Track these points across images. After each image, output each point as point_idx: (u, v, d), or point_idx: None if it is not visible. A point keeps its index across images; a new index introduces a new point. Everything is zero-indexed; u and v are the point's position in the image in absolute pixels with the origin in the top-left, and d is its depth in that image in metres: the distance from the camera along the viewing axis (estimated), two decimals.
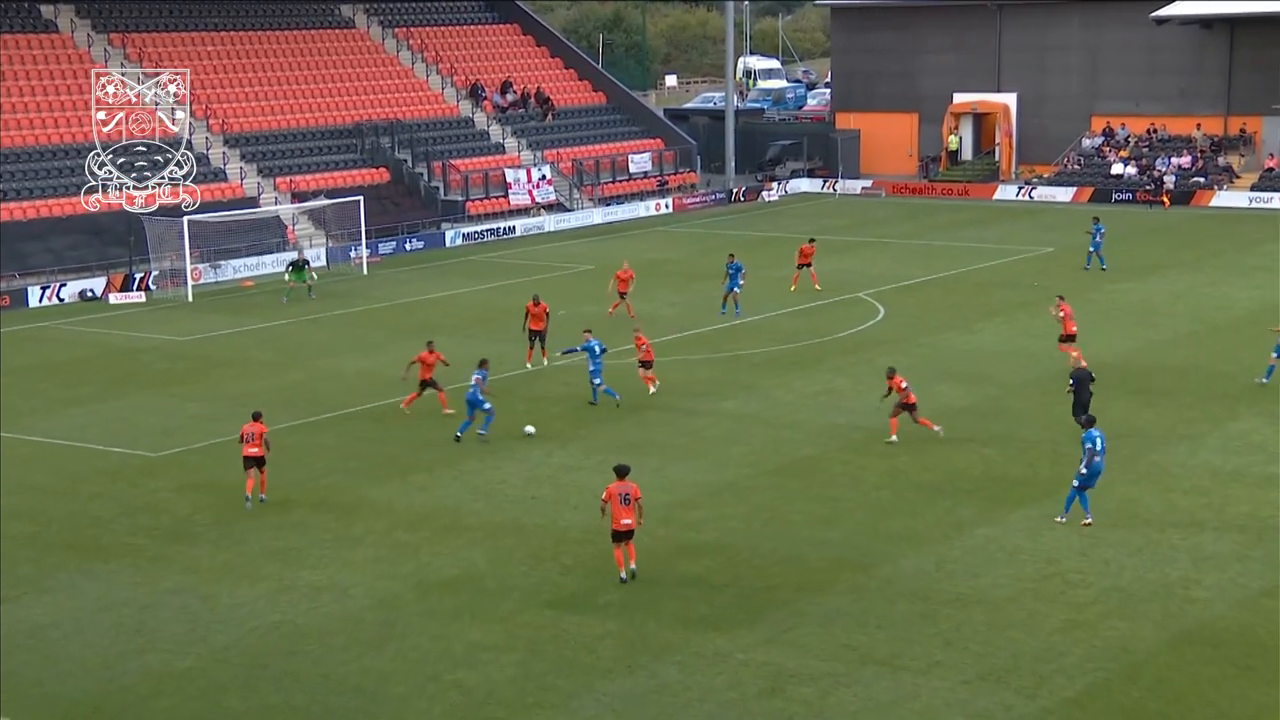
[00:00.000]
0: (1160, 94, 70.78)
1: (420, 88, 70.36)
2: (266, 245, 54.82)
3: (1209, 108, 69.85)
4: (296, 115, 64.22)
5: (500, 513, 25.95)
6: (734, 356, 37.87)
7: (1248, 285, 45.53)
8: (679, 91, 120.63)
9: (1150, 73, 70.98)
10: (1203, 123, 69.59)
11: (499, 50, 75.92)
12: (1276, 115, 68.00)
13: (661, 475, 27.74)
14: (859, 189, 73.86)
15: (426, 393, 32.10)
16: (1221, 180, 66.24)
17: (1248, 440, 28.83)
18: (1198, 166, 67.49)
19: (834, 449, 29.23)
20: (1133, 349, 36.96)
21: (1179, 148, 69.30)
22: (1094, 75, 72.55)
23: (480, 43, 75.63)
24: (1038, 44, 73.58)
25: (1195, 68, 70.03)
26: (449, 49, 73.39)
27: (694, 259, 53.77)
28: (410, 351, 36.23)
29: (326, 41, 69.79)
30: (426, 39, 72.95)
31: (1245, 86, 68.79)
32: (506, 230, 62.41)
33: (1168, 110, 70.74)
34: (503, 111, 71.37)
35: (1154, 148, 70.01)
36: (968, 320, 41.28)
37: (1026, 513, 25.04)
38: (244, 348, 40.42)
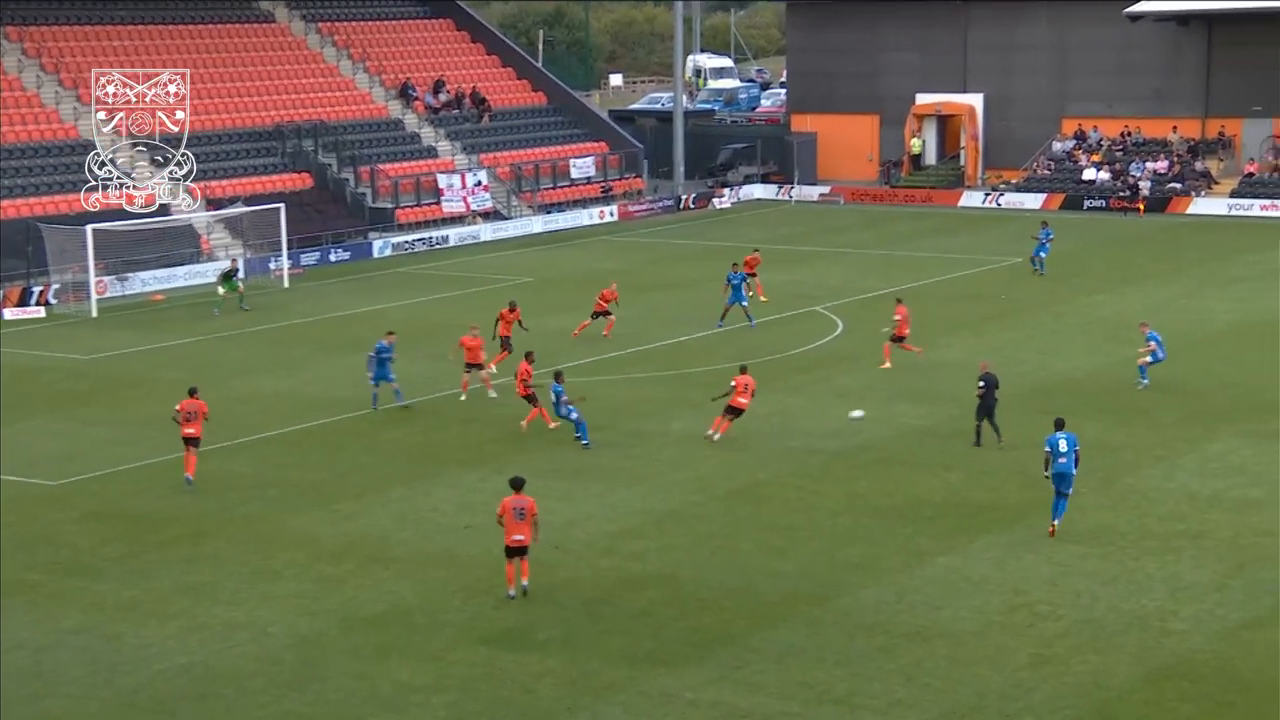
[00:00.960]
0: (1134, 95, 71.66)
1: (346, 87, 70.17)
2: (179, 256, 54.43)
3: (1186, 109, 70.78)
4: (211, 116, 63.84)
5: (431, 542, 25.87)
6: (682, 375, 37.96)
7: (1228, 297, 46.14)
8: (624, 92, 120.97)
9: (1123, 72, 71.87)
10: (1179, 125, 70.50)
11: (431, 47, 75.85)
12: (1257, 117, 68.98)
13: (604, 502, 27.76)
14: (816, 195, 74.27)
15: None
16: (1199, 186, 67.13)
17: (1226, 462, 29.20)
18: (1174, 172, 68.36)
19: (788, 473, 29.33)
20: (1107, 365, 37.34)
21: (1154, 151, 70.17)
22: (1064, 75, 73.36)
23: (411, 39, 75.54)
24: (1005, 42, 74.33)
25: (1171, 67, 70.97)
26: (377, 45, 73.25)
27: (640, 270, 53.87)
28: (333, 369, 36.07)
29: (244, 37, 69.46)
30: (352, 34, 72.78)
31: (1224, 87, 69.77)
32: (439, 240, 62.29)
33: (1142, 112, 71.63)
34: (435, 113, 71.28)
35: (1128, 151, 70.86)
36: (931, 335, 41.54)
37: (992, 540, 25.22)
38: (153, 366, 40.11)
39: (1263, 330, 41.33)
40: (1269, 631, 21.31)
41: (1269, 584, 23.00)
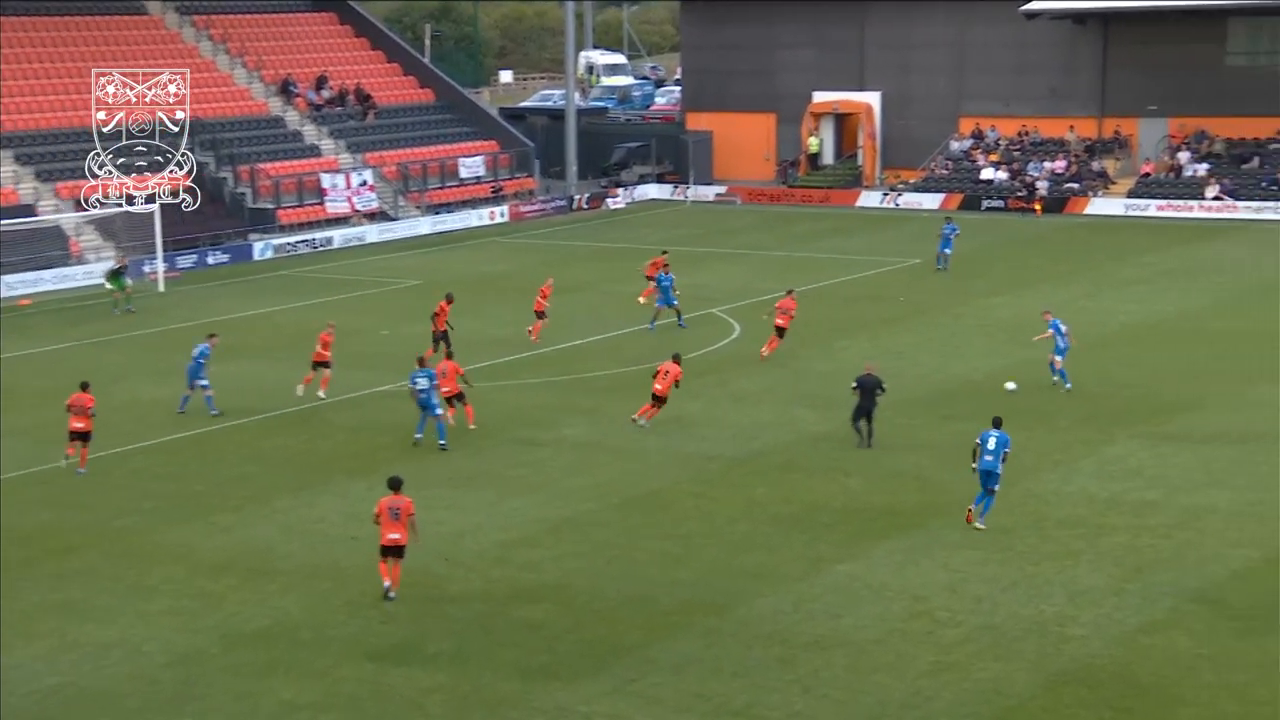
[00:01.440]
0: (1031, 94, 72.92)
1: (223, 83, 69.36)
2: (46, 259, 53.45)
3: (1082, 109, 72.16)
4: (81, 113, 62.70)
5: (317, 555, 25.67)
6: (576, 380, 37.99)
7: (1125, 299, 47.09)
8: (515, 89, 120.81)
9: (1020, 71, 73.10)
10: (1076, 125, 71.84)
11: (313, 42, 75.24)
12: (1152, 117, 70.52)
13: (496, 510, 27.72)
14: (712, 195, 74.68)
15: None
16: (1096, 186, 68.46)
17: (1124, 465, 29.81)
18: (1071, 172, 69.65)
19: (685, 480, 29.48)
20: (1005, 367, 37.91)
21: (1052, 151, 71.45)
22: (962, 74, 74.46)
23: (292, 33, 74.87)
24: (903, 40, 75.26)
25: (1067, 66, 72.32)
26: (256, 39, 72.49)
27: (532, 272, 53.78)
28: (212, 376, 35.63)
29: (114, 29, 68.38)
30: (230, 28, 71.96)
31: (1120, 86, 71.23)
32: (323, 242, 61.78)
33: (1039, 111, 72.91)
34: (318, 110, 70.69)
35: (1025, 151, 72.08)
36: (828, 338, 41.97)
37: (892, 546, 25.54)
38: (19, 375, 39.36)
39: (1159, 332, 42.26)
40: (1166, 636, 21.79)
41: (1166, 588, 23.53)
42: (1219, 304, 46.12)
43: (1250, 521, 26.36)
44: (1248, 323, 43.05)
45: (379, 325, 44.76)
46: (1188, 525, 26.26)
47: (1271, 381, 36.10)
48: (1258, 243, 57.60)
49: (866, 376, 31.39)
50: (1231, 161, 67.70)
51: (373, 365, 39.68)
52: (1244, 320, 43.45)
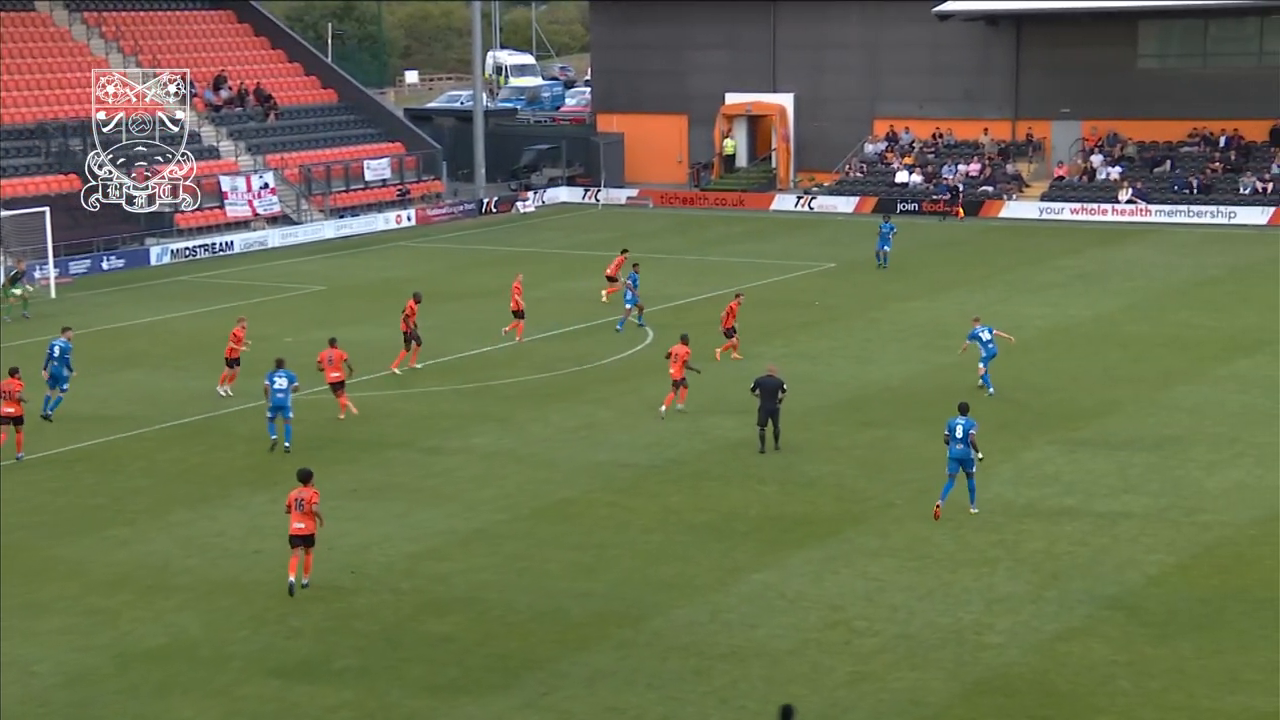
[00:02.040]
0: (945, 96, 73.68)
1: None
2: None
3: (996, 111, 73.02)
4: None
5: (217, 569, 25.38)
6: (484, 387, 37.87)
7: (1040, 303, 47.69)
8: (421, 89, 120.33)
9: (934, 73, 73.84)
10: (990, 127, 72.69)
11: (211, 40, 74.45)
12: (1065, 119, 71.50)
13: (405, 522, 27.55)
14: (624, 199, 74.75)
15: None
16: (1011, 190, 69.30)
17: (1041, 471, 30.17)
18: (986, 174, 70.47)
19: (597, 489, 29.47)
20: (920, 373, 38.28)
21: (966, 154, 72.23)
22: (875, 75, 75.07)
23: (188, 31, 74.04)
24: (815, 40, 75.77)
25: (981, 68, 73.16)
26: (150, 38, 71.58)
27: (440, 277, 53.56)
28: (107, 386, 35.15)
29: (3, 25, 67.25)
30: (123, 25, 71.01)
31: (1033, 89, 72.17)
32: (223, 246, 61.16)
33: (953, 113, 73.70)
34: (216, 110, 69.94)
35: (940, 154, 72.82)
36: (743, 344, 42.10)
37: (808, 555, 25.67)
38: None
39: (1074, 336, 42.83)
40: (1083, 643, 22.07)
41: (1083, 594, 23.83)
42: (1133, 308, 46.85)
43: (1165, 527, 26.78)
44: (1161, 327, 43.77)
45: (282, 332, 44.31)
46: (1104, 531, 26.63)
47: (1185, 385, 36.72)
48: (1170, 246, 58.61)
49: (767, 378, 31.53)
50: (1144, 165, 68.81)
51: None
52: (1158, 324, 44.17)
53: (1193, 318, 44.81)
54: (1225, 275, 52.20)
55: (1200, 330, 42.99)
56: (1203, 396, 35.57)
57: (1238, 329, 42.96)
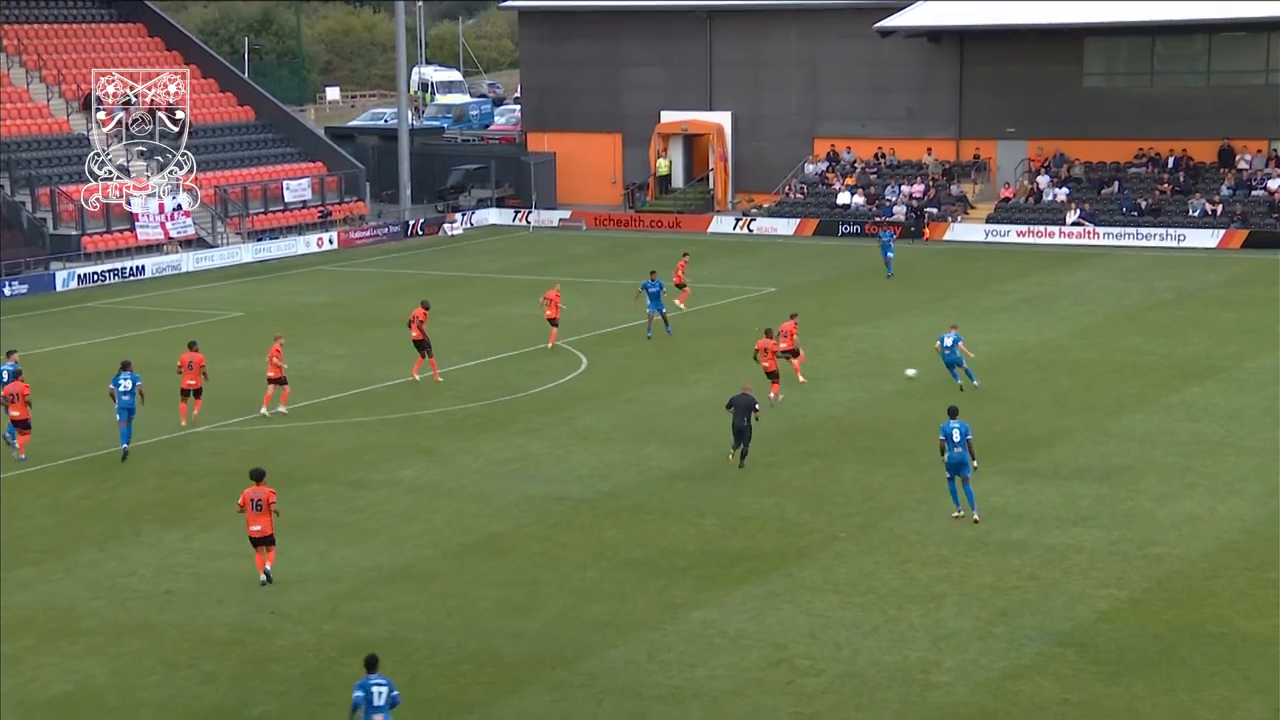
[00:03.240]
0: (888, 114, 74.24)
1: (19, 98, 67.83)
2: None
3: (940, 130, 73.64)
4: None
5: (126, 612, 25.08)
6: (411, 417, 37.71)
7: (986, 329, 47.99)
8: (342, 107, 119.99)
9: (876, 91, 74.40)
10: (934, 147, 73.30)
11: (119, 54, 73.82)
12: (1011, 139, 72.22)
13: (327, 560, 27.35)
14: (556, 221, 74.78)
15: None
16: (955, 211, 69.88)
17: (988, 503, 30.29)
18: (930, 195, 71.02)
19: (529, 524, 29.38)
20: (864, 402, 38.45)
21: (910, 174, 72.79)
22: (816, 92, 75.51)
23: (95, 44, 73.47)
24: (753, 57, 76.15)
25: (924, 85, 73.78)
26: (55, 51, 71.01)
27: (364, 303, 53.36)
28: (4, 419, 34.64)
29: None
30: (25, 38, 70.41)
31: (977, 107, 72.85)
32: (134, 270, 60.65)
33: (896, 133, 74.26)
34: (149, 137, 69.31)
35: (882, 175, 73.33)
36: (680, 371, 42.18)
37: (749, 591, 25.68)
38: None
39: (1020, 362, 43.17)
40: (1033, 681, 22.18)
41: (1032, 631, 23.96)
42: (1081, 332, 47.28)
43: (1115, 561, 26.99)
44: (1110, 352, 44.20)
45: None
46: (1053, 565, 26.80)
47: (1134, 413, 37.08)
48: (1119, 270, 59.24)
49: (742, 396, 32.43)
50: (1091, 186, 69.61)
51: None
52: (1106, 350, 44.60)
53: (1143, 343, 45.29)
54: (1175, 299, 52.83)
55: (1150, 356, 43.46)
56: (1153, 425, 35.93)
57: (1188, 355, 43.47)
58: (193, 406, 36.34)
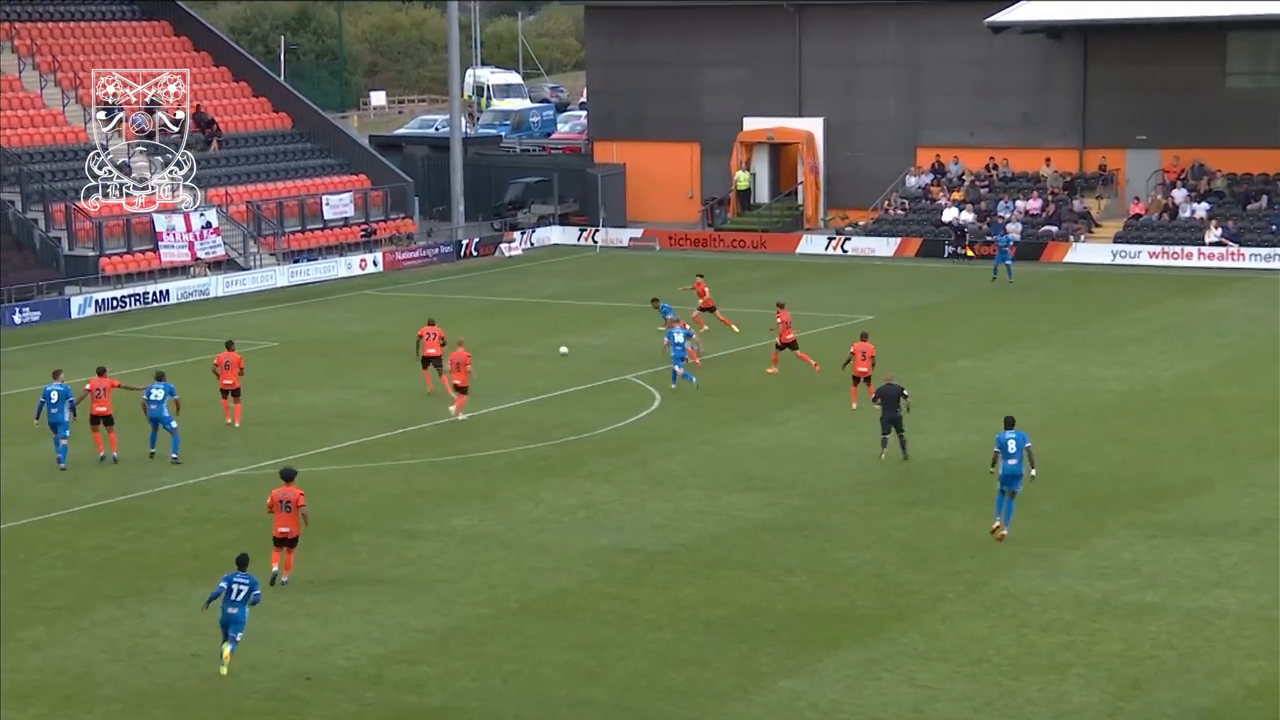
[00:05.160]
0: (1000, 120, 73.98)
1: (31, 104, 68.81)
2: None
3: (1060, 138, 73.31)
4: None
5: (148, 677, 25.26)
6: (465, 460, 37.83)
7: (1114, 362, 47.68)
8: (389, 113, 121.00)
9: (987, 94, 74.17)
10: (1053, 157, 72.99)
11: (143, 56, 74.83)
12: (1142, 148, 71.75)
13: (370, 619, 27.45)
14: (626, 240, 74.97)
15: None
16: (1078, 230, 69.48)
17: (1117, 560, 30.07)
18: (1048, 212, 70.68)
19: (597, 579, 29.38)
20: (974, 444, 38.17)
21: (1025, 188, 72.49)
22: (918, 96, 75.36)
23: (117, 45, 74.48)
24: (847, 57, 76.13)
25: (1042, 87, 73.49)
26: (72, 53, 72.01)
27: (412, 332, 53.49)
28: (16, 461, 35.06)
29: None
30: (38, 38, 71.46)
31: (1103, 112, 72.45)
32: (158, 295, 61.32)
33: (1010, 141, 73.96)
34: (149, 137, 70.23)
35: (994, 188, 73.07)
36: (765, 409, 42.10)
37: (844, 657, 25.56)
38: None
39: (1154, 401, 42.81)
40: None
41: (1170, 707, 23.69)
42: (1223, 367, 46.85)
43: (1265, 628, 26.64)
44: (1257, 390, 43.74)
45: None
46: (1193, 632, 26.50)
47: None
48: (1266, 295, 58.66)
49: (887, 386, 35.83)
50: (1235, 200, 69.02)
51: (217, 445, 39.27)
52: (1252, 387, 44.15)
53: None
54: None
55: None
56: None
57: None
58: (234, 407, 40.46)
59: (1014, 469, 30.14)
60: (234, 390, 40.52)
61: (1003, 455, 30.18)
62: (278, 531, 28.41)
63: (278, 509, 28.38)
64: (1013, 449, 30.18)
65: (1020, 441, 30.29)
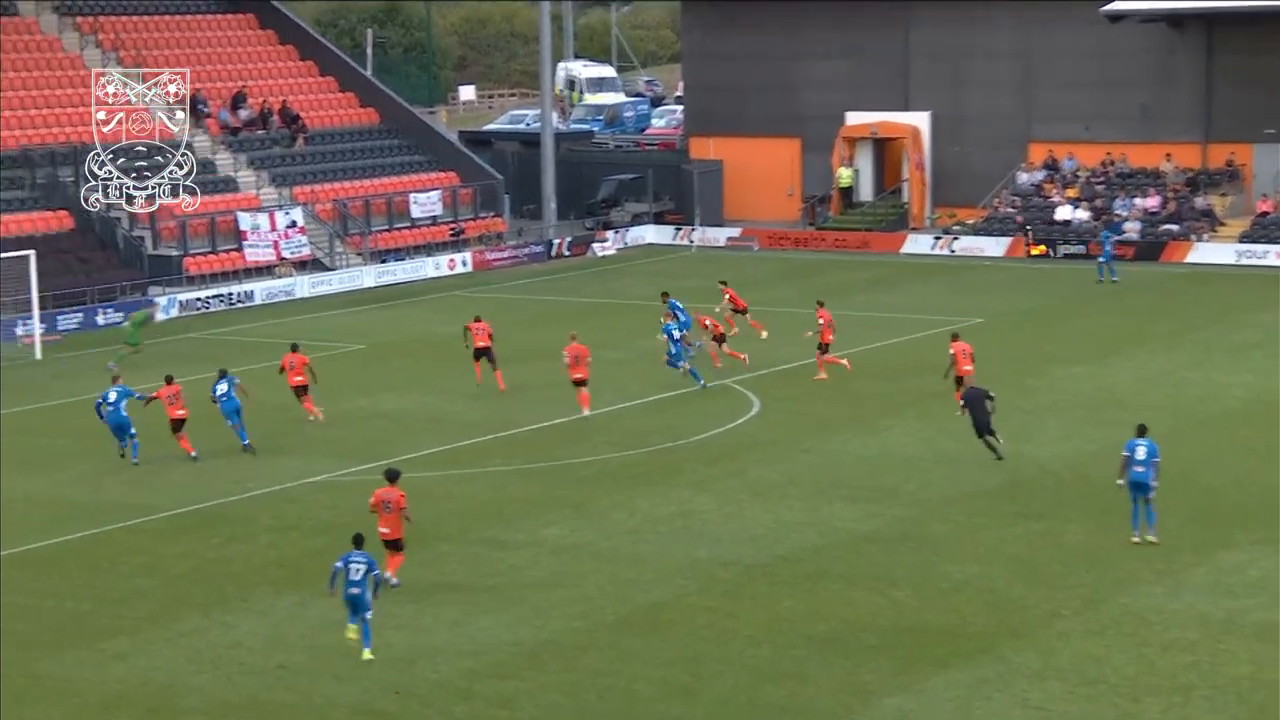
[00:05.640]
0: (1118, 113, 73.31)
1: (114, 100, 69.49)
2: None
3: (1182, 132, 72.54)
4: None
5: (233, 689, 25.49)
6: (557, 467, 37.92)
7: (1239, 368, 47.14)
8: (478, 108, 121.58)
9: (1104, 86, 73.52)
10: (1174, 152, 72.25)
11: (227, 50, 75.70)
12: (1270, 143, 70.86)
13: (460, 631, 27.58)
14: (723, 240, 74.94)
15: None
16: (1200, 229, 68.76)
17: (1244, 576, 29.73)
18: (1169, 210, 69.99)
19: (693, 592, 29.37)
20: (1090, 453, 37.91)
21: (1144, 185, 71.83)
22: (1031, 89, 74.87)
23: (201, 39, 75.32)
24: (957, 48, 75.72)
25: (1163, 79, 72.77)
26: (155, 47, 72.87)
27: (502, 334, 53.71)
28: (102, 466, 35.45)
29: None
30: (122, 32, 72.35)
31: (1228, 105, 71.60)
32: (241, 296, 61.89)
33: (1128, 135, 73.30)
34: (234, 133, 70.99)
35: (1111, 185, 72.46)
36: (868, 416, 41.95)
37: (953, 676, 25.42)
38: None
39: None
40: None
41: None
42: None
43: None
44: None
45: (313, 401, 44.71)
46: None
47: None
48: None
49: (971, 390, 36.94)
50: None
51: (304, 450, 39.61)
52: None
53: None
54: None
55: None
56: None
57: None
58: (307, 403, 41.84)
59: (1141, 476, 30.63)
60: (303, 387, 41.82)
61: (1129, 462, 30.70)
62: (380, 534, 28.89)
63: (380, 510, 28.90)
64: (1141, 456, 30.63)
65: (1151, 452, 30.70)
